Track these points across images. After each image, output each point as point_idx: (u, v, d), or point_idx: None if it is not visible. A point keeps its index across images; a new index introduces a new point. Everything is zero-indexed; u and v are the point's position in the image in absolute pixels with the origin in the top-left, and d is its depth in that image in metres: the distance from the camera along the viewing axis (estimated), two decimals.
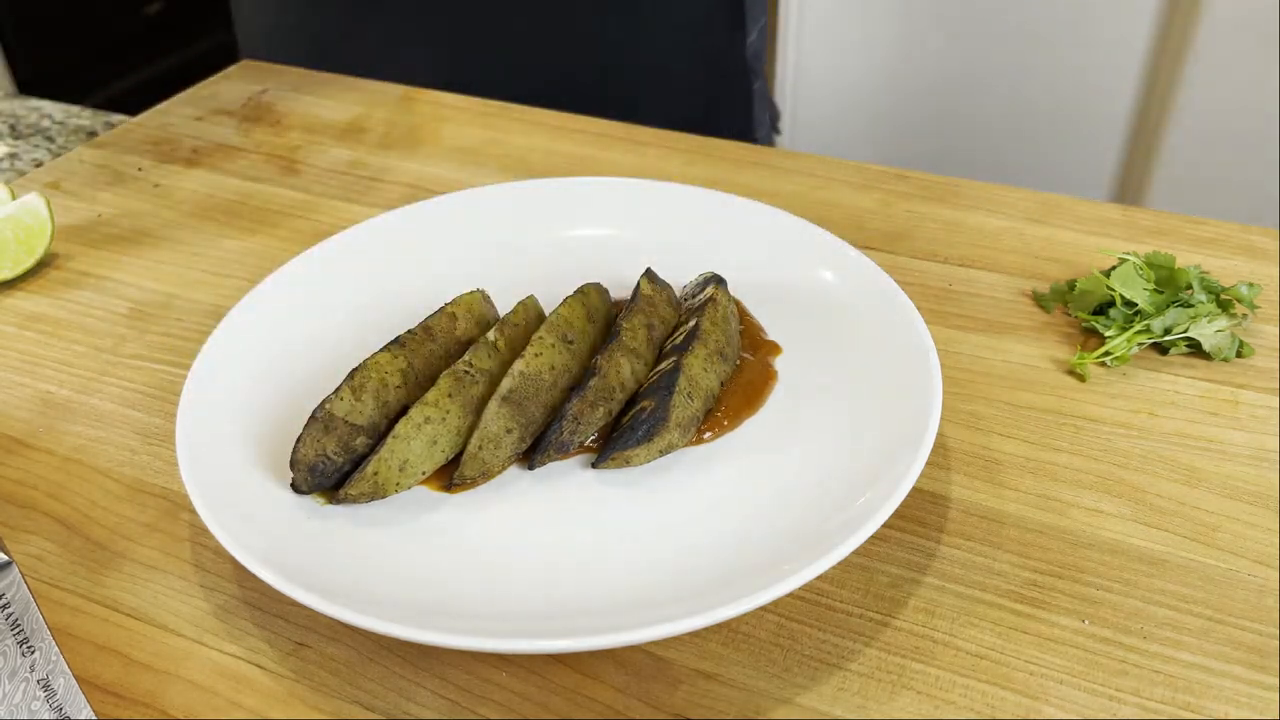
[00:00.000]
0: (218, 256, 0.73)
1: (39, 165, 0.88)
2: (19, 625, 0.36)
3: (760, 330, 0.60)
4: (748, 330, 0.60)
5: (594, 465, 0.51)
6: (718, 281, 0.60)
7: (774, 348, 0.58)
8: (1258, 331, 0.62)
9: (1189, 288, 0.62)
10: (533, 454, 0.52)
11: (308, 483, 0.49)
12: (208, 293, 0.69)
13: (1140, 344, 0.60)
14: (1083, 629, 0.45)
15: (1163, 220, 0.73)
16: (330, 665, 0.45)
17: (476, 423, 0.50)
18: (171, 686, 0.44)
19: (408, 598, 0.44)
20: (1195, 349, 0.60)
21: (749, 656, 0.44)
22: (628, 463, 0.51)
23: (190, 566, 0.49)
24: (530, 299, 0.58)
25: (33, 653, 0.37)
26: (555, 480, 0.51)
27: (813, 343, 0.58)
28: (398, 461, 0.49)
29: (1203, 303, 0.61)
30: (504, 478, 0.51)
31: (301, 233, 0.75)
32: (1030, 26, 1.66)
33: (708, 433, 0.53)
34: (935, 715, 0.42)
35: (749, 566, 0.45)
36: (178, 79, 1.05)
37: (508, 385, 0.51)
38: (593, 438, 0.53)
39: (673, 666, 0.44)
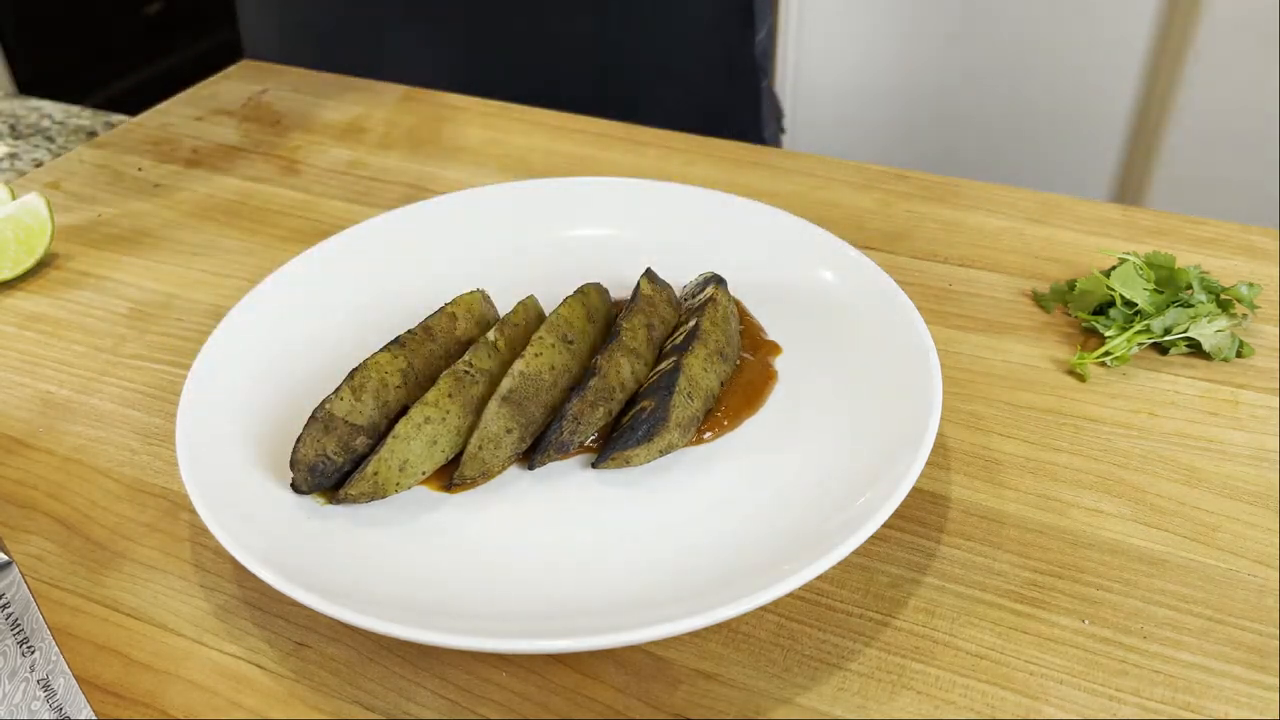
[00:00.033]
0: (218, 256, 0.73)
1: (39, 165, 0.88)
2: (19, 625, 0.36)
3: (760, 330, 0.60)
4: (748, 330, 0.60)
5: (594, 465, 0.51)
6: (718, 281, 0.60)
7: (774, 348, 0.58)
8: (1258, 331, 0.62)
9: (1189, 288, 0.62)
10: (533, 454, 0.52)
11: (308, 483, 0.49)
12: (208, 293, 0.69)
13: (1140, 344, 0.60)
14: (1083, 629, 0.45)
15: (1163, 220, 0.73)
16: (330, 665, 0.45)
17: (476, 423, 0.50)
18: (171, 686, 0.44)
19: (408, 598, 0.44)
20: (1195, 349, 0.60)
21: (749, 656, 0.44)
22: (628, 463, 0.51)
23: (190, 566, 0.49)
24: (530, 299, 0.58)
25: (33, 653, 0.37)
26: (555, 480, 0.51)
27: (813, 343, 0.58)
28: (398, 461, 0.49)
29: (1203, 303, 0.61)
30: (504, 478, 0.51)
31: (301, 233, 0.75)
32: (1030, 26, 1.66)
33: (708, 433, 0.53)
34: (935, 715, 0.42)
35: (749, 566, 0.45)
36: (178, 79, 1.05)
37: (508, 385, 0.51)
38: (593, 438, 0.53)
39: (673, 666, 0.44)
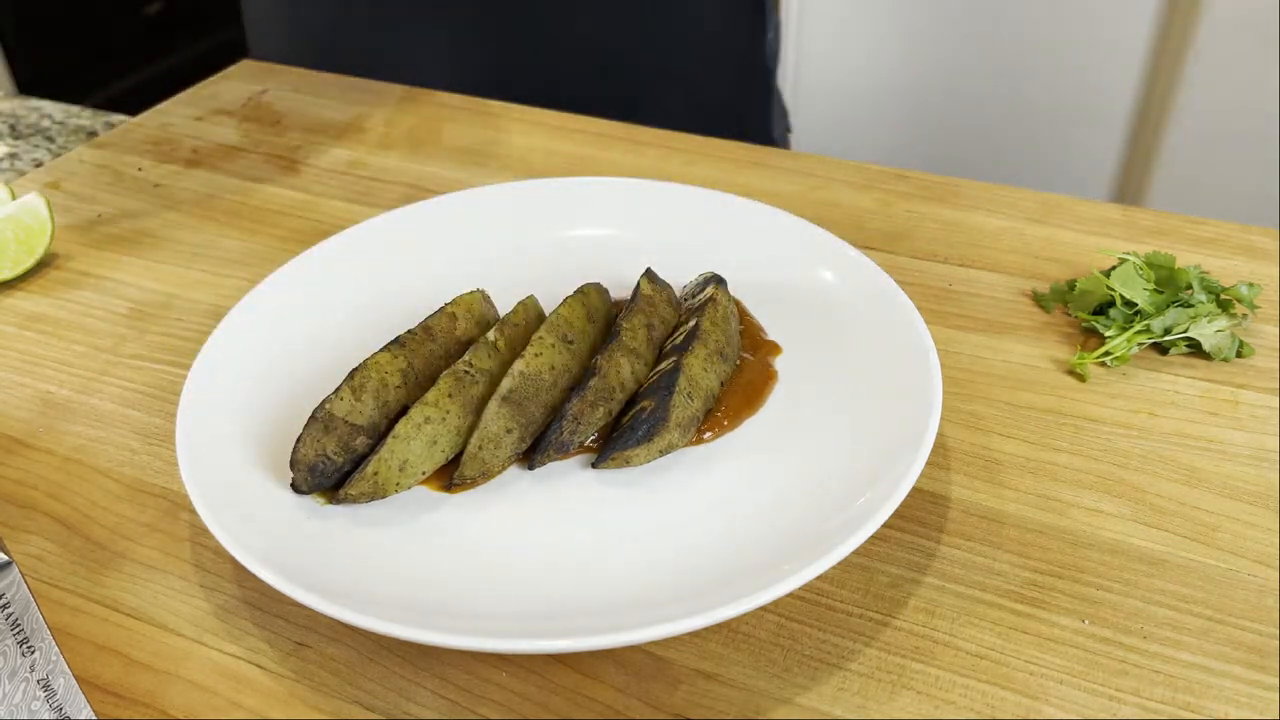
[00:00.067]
0: (218, 256, 0.73)
1: (39, 165, 0.88)
2: (19, 625, 0.36)
3: (760, 330, 0.60)
4: (748, 330, 0.60)
5: (594, 465, 0.51)
6: (718, 281, 0.60)
7: (774, 348, 0.58)
8: (1258, 331, 0.62)
9: (1189, 288, 0.62)
10: (533, 454, 0.52)
11: (308, 483, 0.49)
12: (208, 293, 0.69)
13: (1140, 344, 0.60)
14: (1083, 629, 0.45)
15: (1163, 220, 0.73)
16: (330, 665, 0.45)
17: (476, 423, 0.50)
18: (171, 686, 0.44)
19: (408, 598, 0.44)
20: (1195, 349, 0.60)
21: (749, 656, 0.44)
22: (628, 463, 0.51)
23: (190, 566, 0.49)
24: (530, 299, 0.58)
25: (33, 653, 0.37)
26: (555, 480, 0.51)
27: (813, 343, 0.58)
28: (398, 461, 0.49)
29: (1203, 303, 0.61)
30: (504, 478, 0.51)
31: (301, 233, 0.75)
32: (1030, 26, 1.66)
33: (708, 433, 0.53)
34: (935, 715, 0.42)
35: (749, 566, 0.45)
36: (178, 79, 1.05)
37: (508, 385, 0.51)
38: (593, 438, 0.53)
39: (673, 666, 0.44)
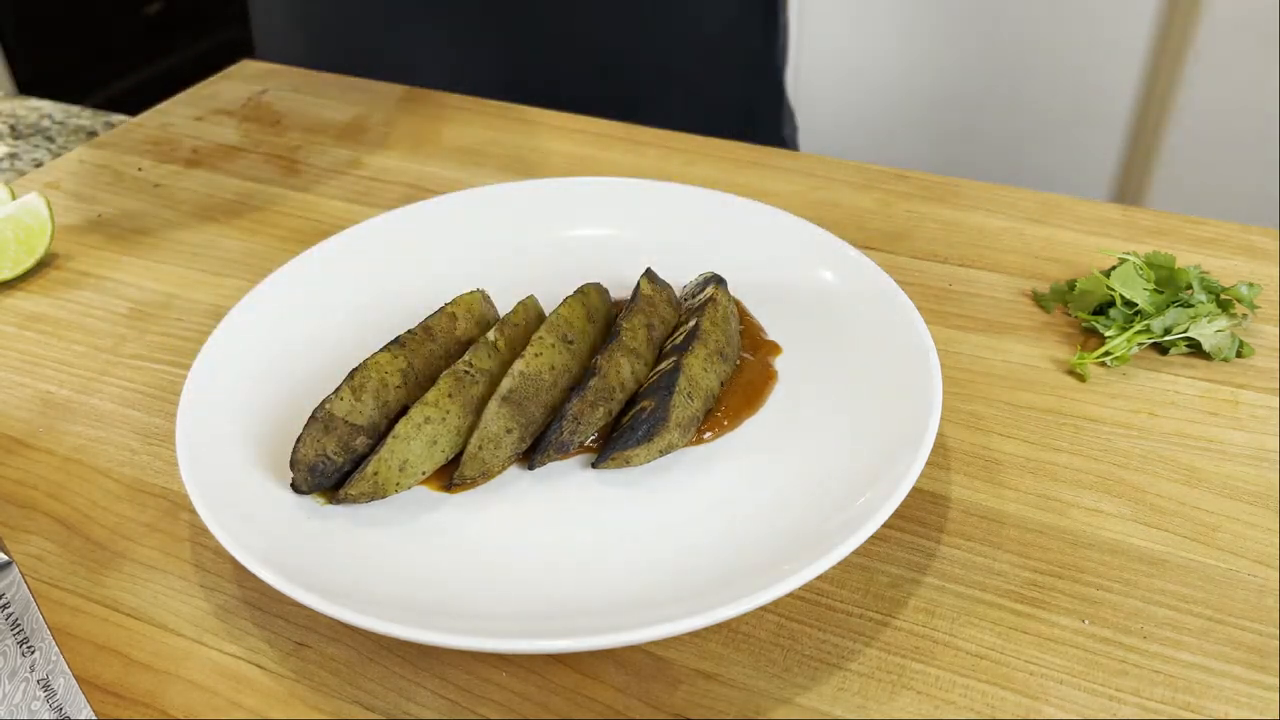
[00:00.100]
0: (218, 256, 0.73)
1: (39, 165, 0.88)
2: (19, 625, 0.36)
3: (760, 330, 0.60)
4: (748, 330, 0.60)
5: (594, 465, 0.51)
6: (718, 281, 0.60)
7: (774, 348, 0.58)
8: (1258, 331, 0.62)
9: (1189, 288, 0.62)
10: (533, 454, 0.52)
11: (308, 483, 0.49)
12: (208, 293, 0.69)
13: (1140, 344, 0.60)
14: (1083, 629, 0.45)
15: (1163, 220, 0.73)
16: (330, 665, 0.45)
17: (476, 423, 0.50)
18: (171, 686, 0.44)
19: (408, 598, 0.44)
20: (1195, 349, 0.60)
21: (749, 656, 0.44)
22: (628, 463, 0.51)
23: (190, 566, 0.49)
24: (530, 299, 0.58)
25: (33, 653, 0.37)
26: (555, 480, 0.51)
27: (813, 343, 0.58)
28: (398, 461, 0.49)
29: (1203, 303, 0.61)
30: (504, 478, 0.51)
31: (301, 233, 0.75)
32: (1030, 27, 1.66)
33: (708, 433, 0.53)
34: (935, 715, 0.42)
35: (749, 566, 0.44)
36: (178, 79, 1.05)
37: (508, 385, 0.51)
38: (593, 438, 0.53)
39: (673, 666, 0.44)
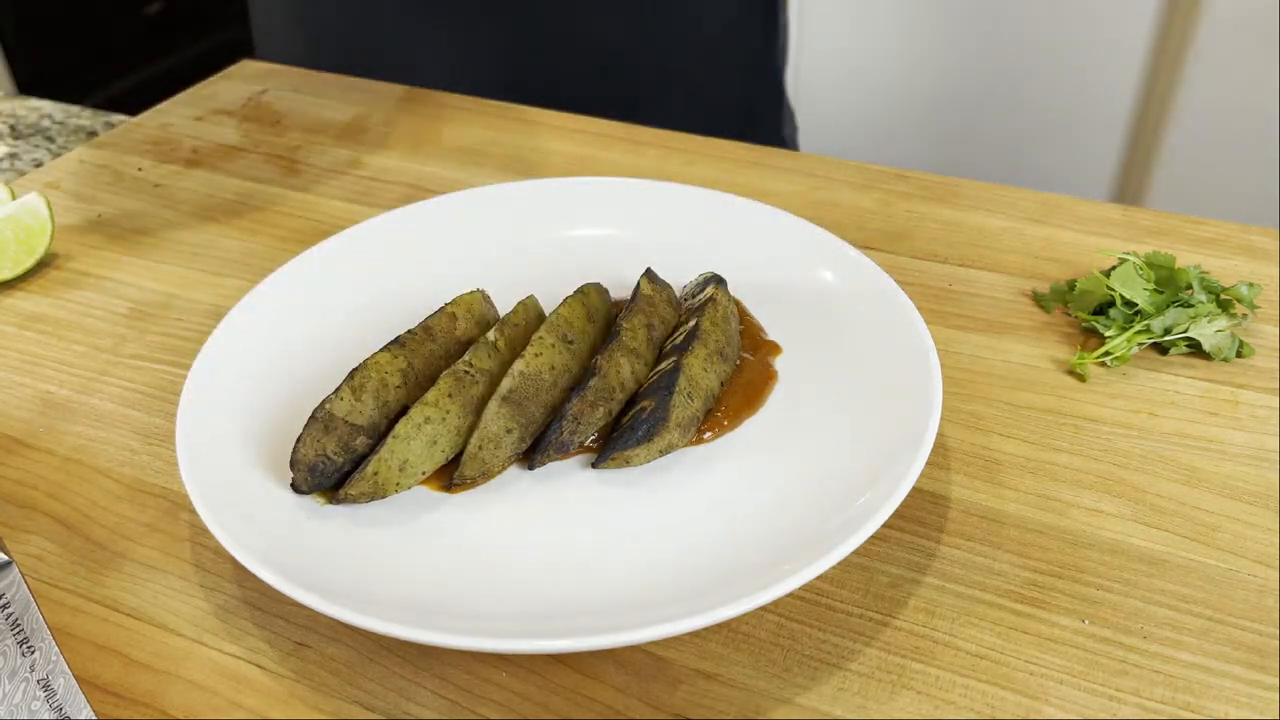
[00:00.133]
0: (218, 256, 0.73)
1: (39, 165, 0.88)
2: (19, 625, 0.36)
3: (760, 330, 0.60)
4: (748, 330, 0.60)
5: (594, 465, 0.51)
6: (718, 281, 0.60)
7: (774, 348, 0.58)
8: (1258, 331, 0.62)
9: (1189, 288, 0.62)
10: (533, 454, 0.52)
11: (308, 483, 0.49)
12: (208, 293, 0.69)
13: (1140, 344, 0.60)
14: (1083, 629, 0.45)
15: (1163, 220, 0.73)
16: (330, 665, 0.45)
17: (476, 423, 0.50)
18: (171, 686, 0.44)
19: (408, 598, 0.44)
20: (1195, 349, 0.60)
21: (749, 656, 0.44)
22: (628, 463, 0.51)
23: (190, 566, 0.49)
24: (530, 299, 0.58)
25: (33, 653, 0.37)
26: (555, 480, 0.51)
27: (813, 343, 0.58)
28: (398, 461, 0.49)
29: (1203, 303, 0.61)
30: (504, 478, 0.51)
31: (301, 233, 0.75)
32: (1030, 27, 1.66)
33: (708, 433, 0.53)
34: (935, 715, 0.42)
35: (749, 566, 0.44)
36: (178, 79, 1.05)
37: (508, 385, 0.51)
38: (593, 438, 0.53)
39: (673, 666, 0.44)
